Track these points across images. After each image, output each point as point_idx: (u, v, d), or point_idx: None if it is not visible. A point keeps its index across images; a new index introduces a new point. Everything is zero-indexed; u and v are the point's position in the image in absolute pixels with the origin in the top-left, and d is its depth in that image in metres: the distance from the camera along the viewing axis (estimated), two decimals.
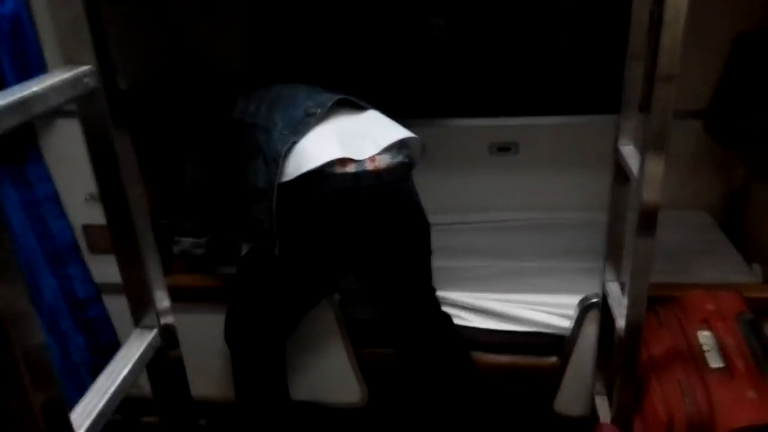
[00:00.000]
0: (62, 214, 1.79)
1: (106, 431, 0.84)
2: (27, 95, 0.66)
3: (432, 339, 1.79)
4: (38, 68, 1.62)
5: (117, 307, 1.93)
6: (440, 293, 1.83)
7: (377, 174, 1.54)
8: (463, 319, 1.87)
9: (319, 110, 1.56)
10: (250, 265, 1.76)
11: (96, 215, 1.88)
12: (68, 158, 1.74)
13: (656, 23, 1.17)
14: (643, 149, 1.27)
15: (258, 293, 1.72)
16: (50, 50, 1.64)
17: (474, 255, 2.13)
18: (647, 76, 1.31)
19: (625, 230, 1.63)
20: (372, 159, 1.55)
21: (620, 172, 1.55)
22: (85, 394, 0.83)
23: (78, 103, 0.78)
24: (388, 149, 1.58)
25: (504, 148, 2.37)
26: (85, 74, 0.77)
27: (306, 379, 1.95)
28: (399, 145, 1.62)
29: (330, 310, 1.86)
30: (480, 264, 2.08)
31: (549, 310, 1.83)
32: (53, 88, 0.70)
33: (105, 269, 1.89)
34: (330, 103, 1.58)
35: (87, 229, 1.86)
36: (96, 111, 0.81)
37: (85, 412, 0.80)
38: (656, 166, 1.26)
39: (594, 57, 2.30)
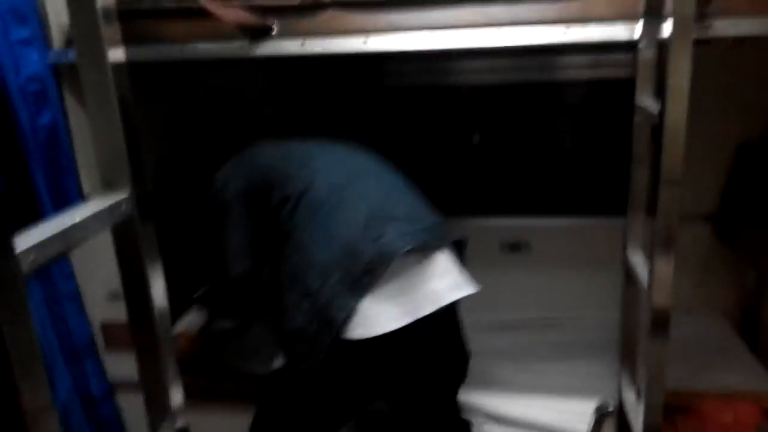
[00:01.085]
0: (82, 312, 1.83)
1: None
2: (69, 227, 0.71)
3: None
4: (69, 177, 1.70)
5: (130, 404, 1.93)
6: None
7: (415, 326, 1.41)
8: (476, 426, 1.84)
9: (380, 269, 1.37)
10: (282, 382, 1.64)
11: (115, 312, 1.93)
12: (91, 256, 1.79)
13: (658, 133, 1.21)
14: (651, 253, 1.27)
15: (287, 410, 1.62)
16: (83, 159, 1.74)
17: (486, 356, 2.11)
18: (652, 180, 1.33)
19: (639, 334, 1.62)
20: None
21: (630, 276, 1.56)
22: None
23: (113, 227, 0.83)
24: None
25: (515, 247, 2.40)
26: (122, 202, 0.82)
27: None
28: None
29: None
30: (492, 365, 2.06)
31: (565, 415, 1.79)
32: (93, 218, 0.76)
33: (120, 366, 1.90)
34: (391, 261, 1.37)
35: (105, 326, 1.89)
36: (130, 231, 0.86)
37: None
38: (665, 271, 1.26)
39: (604, 159, 2.38)
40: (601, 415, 1.74)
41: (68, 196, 1.66)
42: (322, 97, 2.40)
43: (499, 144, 2.47)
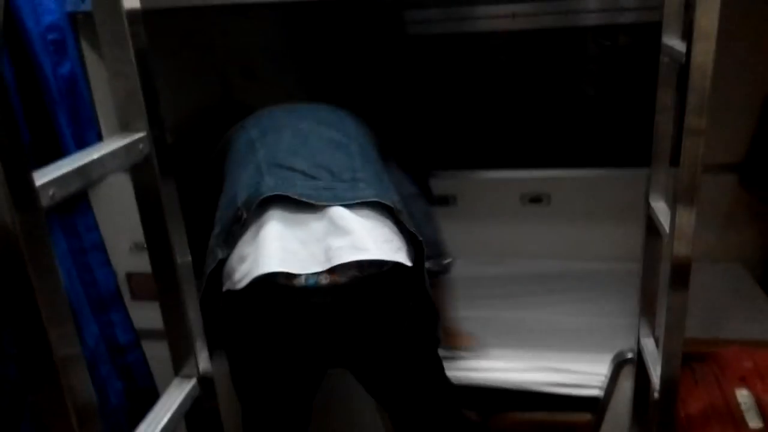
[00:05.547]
0: (107, 263, 1.86)
1: None
2: (88, 162, 0.72)
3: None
4: (90, 125, 1.71)
5: (154, 352, 1.98)
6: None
7: (333, 289, 1.27)
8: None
9: (244, 215, 1.30)
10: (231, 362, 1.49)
11: (139, 263, 1.97)
12: (114, 208, 1.82)
13: (683, 83, 1.18)
14: (674, 204, 1.26)
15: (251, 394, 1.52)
16: (102, 108, 1.75)
17: (507, 306, 2.12)
18: (676, 131, 1.31)
19: (659, 284, 1.62)
20: (330, 270, 1.27)
21: (651, 227, 1.55)
22: None
23: (131, 167, 0.84)
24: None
25: (535, 200, 2.39)
26: (139, 141, 0.83)
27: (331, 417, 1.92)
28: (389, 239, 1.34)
29: None
30: (513, 315, 2.07)
31: (583, 365, 1.81)
32: (111, 155, 0.77)
33: (145, 315, 1.94)
34: (255, 204, 1.30)
35: (130, 276, 1.93)
36: (147, 172, 0.87)
37: None
38: (687, 221, 1.25)
39: (626, 110, 2.34)
40: (619, 363, 1.75)
41: (89, 145, 1.67)
42: (344, 49, 2.38)
43: (520, 95, 2.43)
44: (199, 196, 1.73)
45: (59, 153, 1.65)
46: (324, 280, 1.27)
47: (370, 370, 1.47)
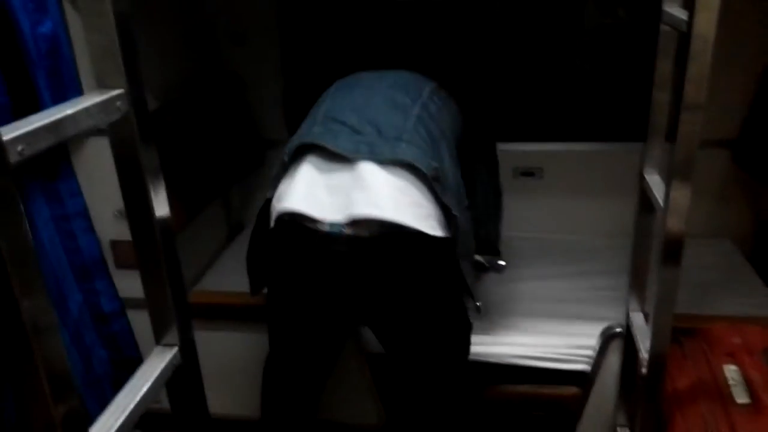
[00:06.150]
0: (91, 230, 1.83)
1: None
2: (60, 118, 0.68)
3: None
4: (73, 87, 1.66)
5: (140, 320, 1.96)
6: None
7: (354, 240, 1.30)
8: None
9: (286, 159, 1.42)
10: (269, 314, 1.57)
11: (123, 231, 1.92)
12: (98, 175, 1.79)
13: (683, 53, 1.16)
14: (669, 179, 1.25)
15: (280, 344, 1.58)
16: (85, 69, 1.69)
17: (496, 279, 2.11)
18: (673, 105, 1.30)
19: (650, 259, 1.61)
20: (354, 223, 1.30)
21: (645, 201, 1.53)
22: (105, 409, 0.85)
23: (109, 125, 0.81)
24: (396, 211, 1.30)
25: (528, 173, 2.36)
26: (116, 98, 0.79)
27: (324, 398, 1.94)
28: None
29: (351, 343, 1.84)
30: (502, 288, 2.06)
31: (572, 338, 1.81)
32: (86, 111, 0.73)
33: (130, 284, 1.91)
34: (292, 151, 1.41)
35: (114, 244, 1.90)
36: (126, 132, 0.84)
37: (104, 427, 0.81)
38: (681, 196, 1.23)
39: (620, 84, 2.31)
40: (607, 337, 1.75)
41: None
42: (335, 13, 2.32)
43: (512, 67, 2.39)
44: None
45: None
46: (347, 230, 1.30)
47: (389, 332, 1.48)
